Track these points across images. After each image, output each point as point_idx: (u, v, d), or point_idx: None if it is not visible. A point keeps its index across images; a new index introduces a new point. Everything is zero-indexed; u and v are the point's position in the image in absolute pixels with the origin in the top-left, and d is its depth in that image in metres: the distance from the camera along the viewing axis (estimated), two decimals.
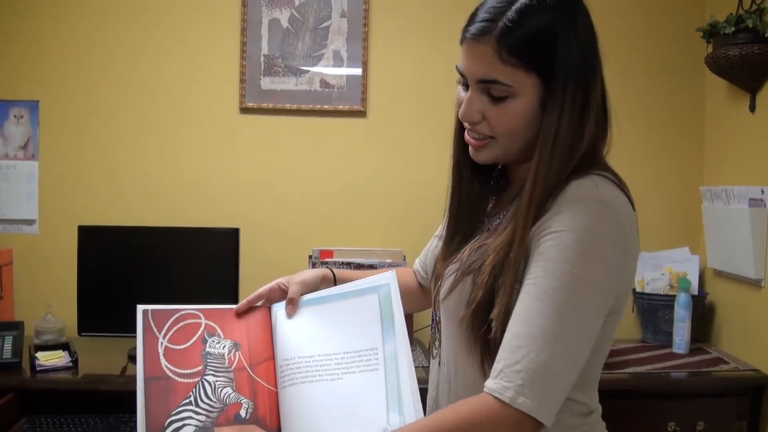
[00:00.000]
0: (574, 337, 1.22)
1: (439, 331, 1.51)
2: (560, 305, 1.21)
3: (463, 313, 1.34)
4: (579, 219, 1.24)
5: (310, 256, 3.17)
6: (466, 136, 1.41)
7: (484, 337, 1.30)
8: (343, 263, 3.04)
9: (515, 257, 1.27)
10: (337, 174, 3.42)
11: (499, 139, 1.35)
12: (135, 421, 2.50)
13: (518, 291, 1.27)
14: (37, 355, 2.83)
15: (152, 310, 1.55)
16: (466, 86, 1.37)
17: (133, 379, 2.69)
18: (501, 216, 1.42)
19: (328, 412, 1.41)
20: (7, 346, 2.86)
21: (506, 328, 1.26)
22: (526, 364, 1.19)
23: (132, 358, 2.97)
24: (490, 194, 1.52)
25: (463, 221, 1.50)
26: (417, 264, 1.82)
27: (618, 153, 1.42)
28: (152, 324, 1.53)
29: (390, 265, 2.98)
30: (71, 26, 3.35)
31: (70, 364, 2.83)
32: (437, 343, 1.53)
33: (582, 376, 1.32)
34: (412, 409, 1.41)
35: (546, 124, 1.30)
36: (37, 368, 2.78)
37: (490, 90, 1.32)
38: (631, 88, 3.40)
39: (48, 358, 2.83)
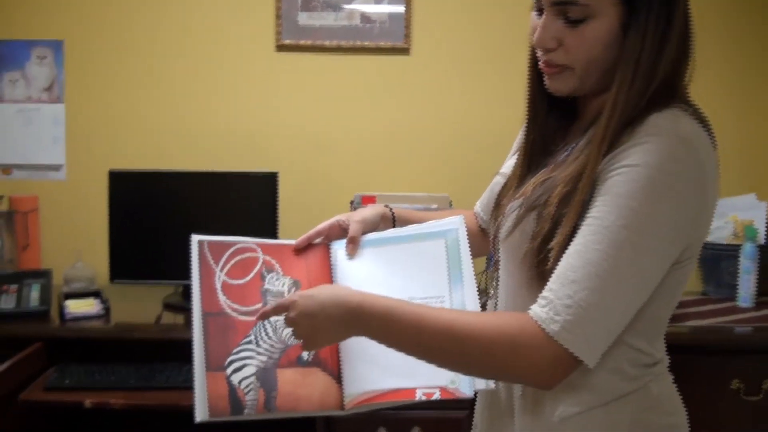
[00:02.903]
0: (630, 278, 1.20)
1: (497, 270, 1.50)
2: (620, 243, 1.19)
3: (527, 248, 1.32)
4: (653, 154, 1.20)
5: (352, 202, 3.14)
6: (541, 64, 1.37)
7: (545, 271, 1.28)
8: None
9: (583, 187, 1.25)
10: (380, 115, 3.38)
11: (575, 68, 1.32)
12: (170, 370, 2.59)
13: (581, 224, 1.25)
14: (66, 303, 2.84)
15: (208, 242, 1.51)
16: (540, 11, 1.33)
17: (169, 328, 2.80)
18: (569, 149, 1.38)
19: (393, 360, 1.38)
20: (35, 294, 2.88)
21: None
22: (578, 300, 1.18)
23: (168, 306, 3.00)
24: (564, 131, 1.48)
25: (537, 160, 1.46)
26: (478, 206, 1.79)
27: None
28: (208, 256, 1.50)
29: (436, 211, 2.97)
30: None
31: (102, 312, 2.85)
32: (494, 283, 1.52)
33: (648, 324, 1.32)
34: None
35: (628, 48, 1.26)
36: (67, 317, 2.79)
37: (566, 12, 1.28)
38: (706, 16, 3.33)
39: (78, 306, 2.84)
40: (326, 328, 1.33)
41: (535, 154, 1.47)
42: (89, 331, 2.78)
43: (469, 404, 1.61)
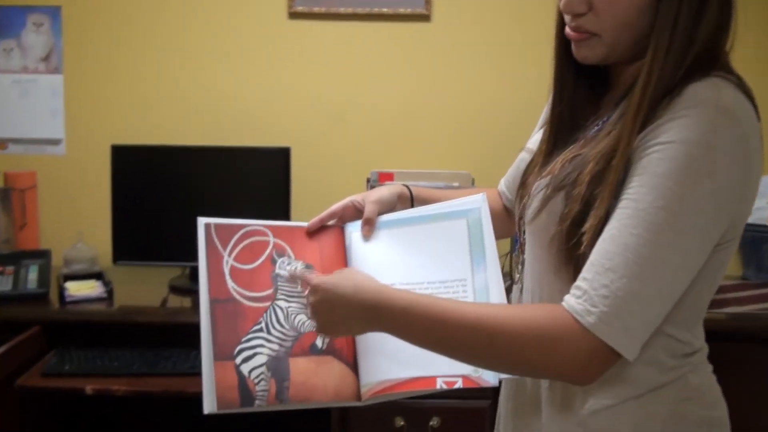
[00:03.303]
0: (671, 263, 1.18)
1: (523, 253, 1.48)
2: (659, 226, 1.16)
3: (555, 231, 1.30)
4: (693, 129, 1.18)
5: (369, 179, 3.13)
6: (567, 30, 1.35)
7: (577, 256, 1.26)
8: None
9: (616, 166, 1.22)
10: (399, 87, 3.36)
11: (603, 36, 1.30)
12: (177, 355, 2.60)
13: (616, 206, 1.23)
14: (66, 285, 2.85)
15: (215, 224, 1.51)
16: None
17: (176, 311, 2.82)
18: (600, 123, 1.36)
19: (411, 349, 1.37)
20: (32, 275, 2.89)
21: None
22: (615, 290, 1.16)
23: (174, 289, 3.02)
24: (594, 103, 1.45)
25: (565, 135, 1.44)
26: (502, 184, 1.77)
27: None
28: (216, 240, 1.50)
29: (458, 190, 2.95)
30: None
31: (105, 295, 2.86)
32: (520, 267, 1.51)
33: (687, 311, 1.30)
34: None
35: (663, 12, 1.23)
36: (67, 299, 2.80)
37: None
38: None
39: (79, 289, 2.86)
40: (344, 321, 1.35)
41: (563, 128, 1.45)
42: (91, 314, 2.79)
43: (492, 393, 1.61)
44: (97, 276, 2.97)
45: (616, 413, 1.31)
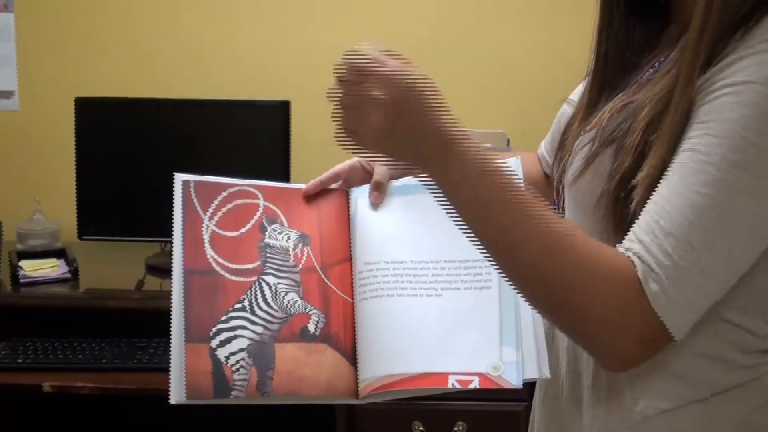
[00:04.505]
0: (743, 232, 1.14)
1: None
2: (732, 186, 1.12)
3: (603, 189, 1.26)
4: None
5: None
6: None
7: (629, 222, 1.21)
8: None
9: (678, 104, 1.18)
10: (418, 27, 3.35)
11: None
12: (155, 346, 2.62)
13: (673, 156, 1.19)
14: (21, 263, 2.88)
15: (195, 182, 1.50)
16: None
17: (153, 295, 2.85)
18: (657, 63, 1.33)
19: (421, 338, 1.39)
20: None
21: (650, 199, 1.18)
22: (677, 259, 1.11)
23: (151, 269, 3.03)
24: (651, 41, 1.42)
25: (614, 80, 1.41)
26: (542, 147, 1.75)
27: None
28: (195, 201, 1.50)
29: (489, 152, 2.94)
30: None
31: (68, 276, 2.87)
32: None
33: (762, 296, 1.25)
34: (532, 339, 1.40)
35: None
36: (22, 280, 2.82)
37: None
38: None
39: (36, 268, 2.88)
40: (396, 133, 1.23)
41: (610, 72, 1.42)
42: (51, 298, 2.82)
43: (527, 395, 1.60)
44: (59, 253, 2.99)
45: (673, 420, 1.27)
